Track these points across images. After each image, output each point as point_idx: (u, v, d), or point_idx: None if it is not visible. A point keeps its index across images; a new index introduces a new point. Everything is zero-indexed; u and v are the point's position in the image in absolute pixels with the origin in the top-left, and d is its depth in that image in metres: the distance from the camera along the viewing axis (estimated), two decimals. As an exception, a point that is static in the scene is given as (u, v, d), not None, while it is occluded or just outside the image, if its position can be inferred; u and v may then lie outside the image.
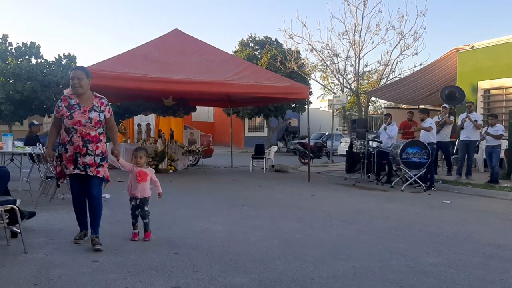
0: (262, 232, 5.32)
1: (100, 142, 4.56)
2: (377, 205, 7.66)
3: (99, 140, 4.55)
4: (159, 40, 12.11)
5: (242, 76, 11.37)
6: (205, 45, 12.67)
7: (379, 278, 3.71)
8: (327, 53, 16.37)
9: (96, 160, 4.50)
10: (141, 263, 3.97)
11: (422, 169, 9.83)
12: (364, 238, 5.15)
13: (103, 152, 4.58)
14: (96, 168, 4.50)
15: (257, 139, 24.44)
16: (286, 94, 12.21)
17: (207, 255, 4.26)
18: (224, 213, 6.57)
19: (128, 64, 10.26)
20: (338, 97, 18.61)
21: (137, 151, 4.89)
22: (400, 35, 15.37)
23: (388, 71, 17.08)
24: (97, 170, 4.50)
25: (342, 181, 11.29)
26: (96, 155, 4.50)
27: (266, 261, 4.11)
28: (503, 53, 13.26)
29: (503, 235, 5.46)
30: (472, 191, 9.44)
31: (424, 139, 10.14)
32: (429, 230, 5.63)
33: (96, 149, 4.51)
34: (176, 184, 10.11)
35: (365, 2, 15.04)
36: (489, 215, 6.92)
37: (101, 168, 4.55)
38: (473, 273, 3.90)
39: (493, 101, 14.19)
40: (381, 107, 30.43)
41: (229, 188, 9.68)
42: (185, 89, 11.03)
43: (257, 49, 27.68)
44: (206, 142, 14.92)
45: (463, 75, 14.50)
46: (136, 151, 4.88)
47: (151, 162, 12.54)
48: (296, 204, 7.64)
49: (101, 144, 4.57)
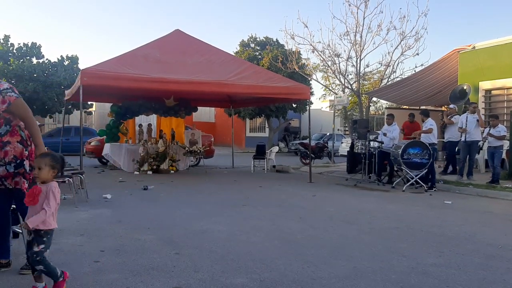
0: (263, 233, 5.32)
1: (8, 145, 3.57)
2: (378, 206, 7.65)
3: (4, 143, 3.57)
4: (160, 40, 12.12)
5: (243, 76, 11.38)
6: (206, 45, 12.67)
7: (380, 278, 3.71)
8: (329, 53, 16.35)
9: (9, 170, 3.57)
10: (142, 264, 3.98)
11: (423, 170, 9.83)
12: (365, 239, 5.15)
13: (16, 157, 3.58)
14: (13, 179, 3.60)
15: (258, 139, 24.44)
16: (287, 95, 12.22)
17: (208, 255, 4.27)
18: (225, 213, 6.58)
19: (129, 65, 10.27)
20: (339, 98, 18.59)
21: (38, 159, 3.30)
22: (402, 35, 15.33)
23: (390, 71, 17.05)
24: (14, 181, 3.61)
25: (343, 182, 11.29)
26: (8, 164, 3.57)
27: (267, 261, 4.11)
28: (505, 53, 13.23)
29: (505, 235, 5.46)
30: (473, 191, 9.43)
31: (425, 140, 10.14)
32: (430, 231, 5.63)
33: (5, 156, 3.56)
34: (177, 185, 10.12)
35: (366, 2, 15.00)
36: (491, 215, 6.91)
37: (19, 178, 3.62)
38: (474, 273, 3.89)
39: (494, 101, 14.16)
40: (382, 108, 30.39)
41: (231, 189, 9.68)
42: (186, 89, 11.04)
43: (258, 50, 27.71)
44: (207, 143, 14.93)
45: (464, 75, 14.48)
46: (36, 159, 3.33)
47: (153, 163, 12.58)
48: (297, 205, 7.63)
49: (10, 147, 3.58)
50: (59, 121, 28.60)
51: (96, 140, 15.35)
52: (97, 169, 13.35)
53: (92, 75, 9.51)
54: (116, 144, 13.42)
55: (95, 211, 6.54)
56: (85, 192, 7.68)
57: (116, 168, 13.20)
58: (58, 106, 23.18)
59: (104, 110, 28.28)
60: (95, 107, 29.13)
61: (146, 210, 6.71)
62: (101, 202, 7.37)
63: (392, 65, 16.44)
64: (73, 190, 7.27)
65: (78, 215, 6.21)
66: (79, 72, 10.01)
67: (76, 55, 24.55)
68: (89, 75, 9.47)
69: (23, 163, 3.61)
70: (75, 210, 6.57)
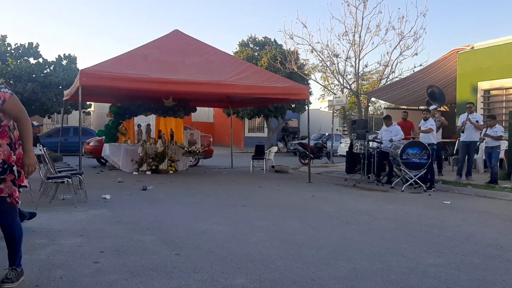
0: (263, 233, 5.32)
1: None
2: (378, 206, 7.66)
3: None
4: (159, 41, 12.11)
5: (242, 76, 11.38)
6: (205, 45, 12.66)
7: (380, 279, 3.71)
8: (327, 53, 16.34)
9: None
10: (142, 264, 3.98)
11: (423, 170, 9.84)
12: (364, 239, 5.15)
13: (4, 161, 3.25)
14: None
15: (257, 139, 24.45)
16: (286, 95, 12.22)
17: (208, 256, 4.27)
18: (224, 214, 6.57)
19: (128, 65, 10.26)
20: (338, 98, 18.59)
21: None
22: (400, 35, 15.32)
23: (388, 71, 17.04)
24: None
25: (342, 182, 11.29)
26: None
27: (267, 262, 4.11)
28: (503, 54, 13.25)
29: (504, 236, 5.46)
30: (472, 191, 9.44)
31: (424, 140, 10.15)
32: (430, 231, 5.64)
33: None
34: (176, 185, 10.11)
35: (365, 2, 14.99)
36: (490, 215, 6.92)
37: (4, 184, 3.26)
38: (474, 274, 3.90)
39: (493, 101, 14.18)
40: (381, 108, 30.42)
41: (230, 189, 9.68)
42: (185, 90, 11.04)
43: (256, 50, 27.67)
44: (206, 143, 14.93)
45: (463, 75, 14.51)
46: None
47: (152, 163, 12.58)
48: (296, 205, 7.64)
49: (0, 150, 3.25)
50: (57, 121, 28.54)
51: (95, 140, 15.33)
52: (96, 169, 13.34)
53: (91, 75, 9.50)
54: (115, 145, 13.41)
55: (94, 211, 6.53)
56: (84, 193, 7.67)
57: (115, 168, 13.19)
58: (56, 106, 23.10)
59: (103, 110, 28.25)
60: (93, 107, 29.07)
61: (145, 211, 6.71)
62: (100, 202, 7.36)
63: (391, 65, 16.43)
64: (72, 190, 7.25)
65: (77, 215, 6.20)
66: (78, 72, 10.00)
67: (74, 54, 24.47)
68: (88, 75, 9.46)
69: (13, 169, 3.29)
70: (74, 210, 6.56)
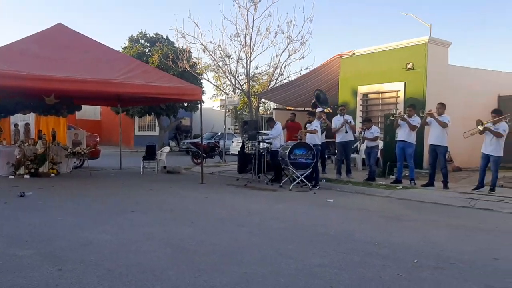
0: (154, 240, 5.19)
1: None
2: (268, 206, 7.92)
3: None
4: (40, 34, 11.18)
5: (133, 75, 10.94)
6: (92, 41, 11.99)
7: (270, 283, 3.83)
8: (219, 54, 16.52)
9: None
10: (19, 284, 3.63)
11: (308, 169, 10.39)
12: (255, 241, 5.29)
13: None
14: None
15: (148, 138, 23.79)
16: (179, 95, 12.08)
17: (94, 270, 4.04)
18: (112, 221, 6.28)
19: (2, 60, 9.31)
20: (230, 98, 18.85)
21: None
22: (288, 39, 16.06)
23: (277, 73, 17.73)
24: None
25: (234, 182, 11.47)
26: None
27: (158, 272, 4.02)
28: (381, 60, 14.42)
29: (379, 232, 5.96)
30: (352, 189, 10.20)
31: (310, 141, 10.72)
32: (315, 230, 5.97)
33: None
34: (58, 190, 9.43)
35: (255, 5, 15.43)
36: (367, 212, 7.52)
37: None
38: (354, 272, 4.20)
39: (371, 104, 15.43)
40: (270, 108, 31.45)
41: (118, 193, 9.28)
42: (70, 88, 10.37)
43: (147, 46, 26.89)
44: (92, 143, 14.14)
45: (344, 80, 15.57)
46: None
47: (30, 166, 11.59)
48: (189, 208, 7.59)
49: None
50: None
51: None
52: (-37, 174, 11.93)
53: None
54: (-13, 146, 12.11)
55: (-40, 224, 5.84)
56: None
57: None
58: None
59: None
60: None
61: (24, 220, 6.16)
62: (-32, 213, 6.60)
63: (280, 67, 17.13)
64: None
65: None
66: None
67: None
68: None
69: None
70: None
